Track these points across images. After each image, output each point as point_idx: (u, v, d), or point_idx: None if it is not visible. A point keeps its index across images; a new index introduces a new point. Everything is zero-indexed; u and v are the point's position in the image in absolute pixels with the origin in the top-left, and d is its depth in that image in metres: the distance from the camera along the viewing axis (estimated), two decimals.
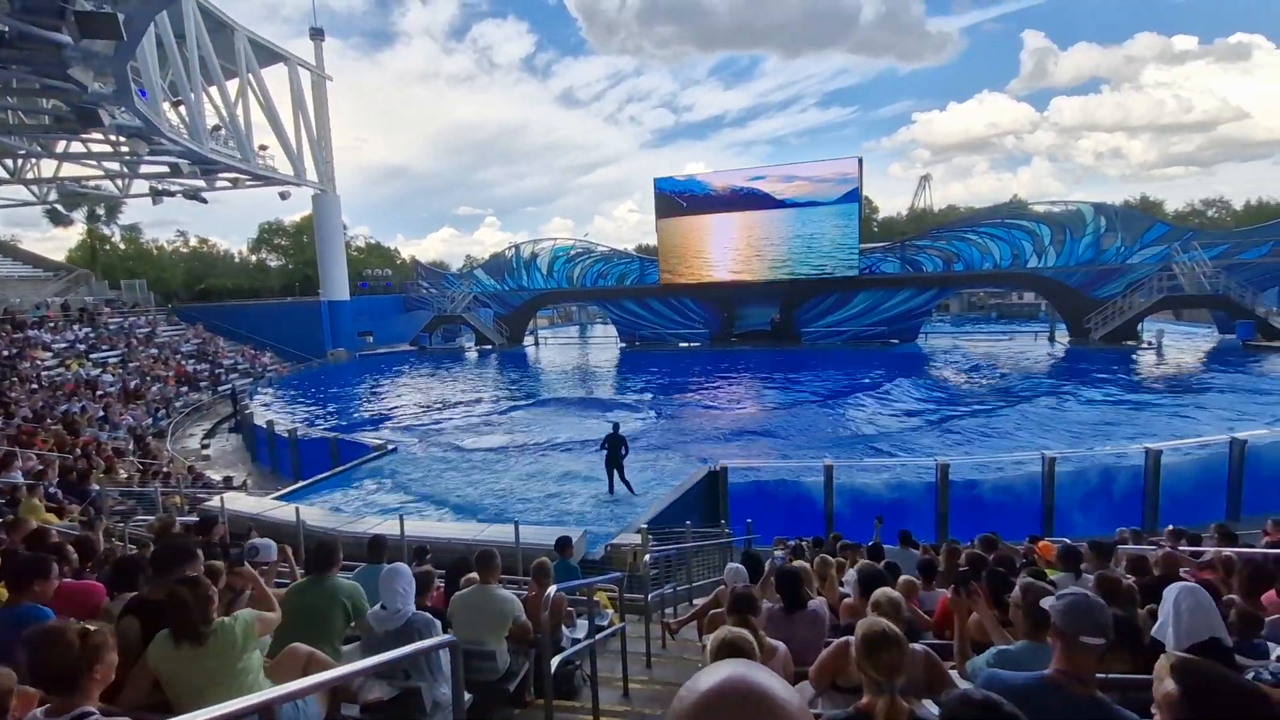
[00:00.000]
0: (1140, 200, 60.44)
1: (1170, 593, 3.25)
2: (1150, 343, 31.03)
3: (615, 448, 12.54)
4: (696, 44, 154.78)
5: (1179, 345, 31.36)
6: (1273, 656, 3.23)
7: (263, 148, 33.26)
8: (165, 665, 2.60)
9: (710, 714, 0.67)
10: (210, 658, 2.61)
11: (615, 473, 12.59)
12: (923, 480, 11.92)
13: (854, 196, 36.49)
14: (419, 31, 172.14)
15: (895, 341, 36.38)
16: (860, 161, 36.67)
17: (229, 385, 28.19)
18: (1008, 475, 12.60)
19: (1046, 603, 2.14)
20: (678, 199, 40.24)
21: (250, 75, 31.62)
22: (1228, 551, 5.85)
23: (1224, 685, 1.39)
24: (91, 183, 32.73)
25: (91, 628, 2.21)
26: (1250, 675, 2.70)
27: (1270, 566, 4.19)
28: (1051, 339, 35.60)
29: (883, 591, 2.85)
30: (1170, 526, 7.71)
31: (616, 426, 12.91)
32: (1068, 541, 6.71)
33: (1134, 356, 29.08)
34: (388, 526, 9.20)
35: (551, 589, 3.52)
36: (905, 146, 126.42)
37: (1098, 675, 2.01)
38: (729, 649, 2.07)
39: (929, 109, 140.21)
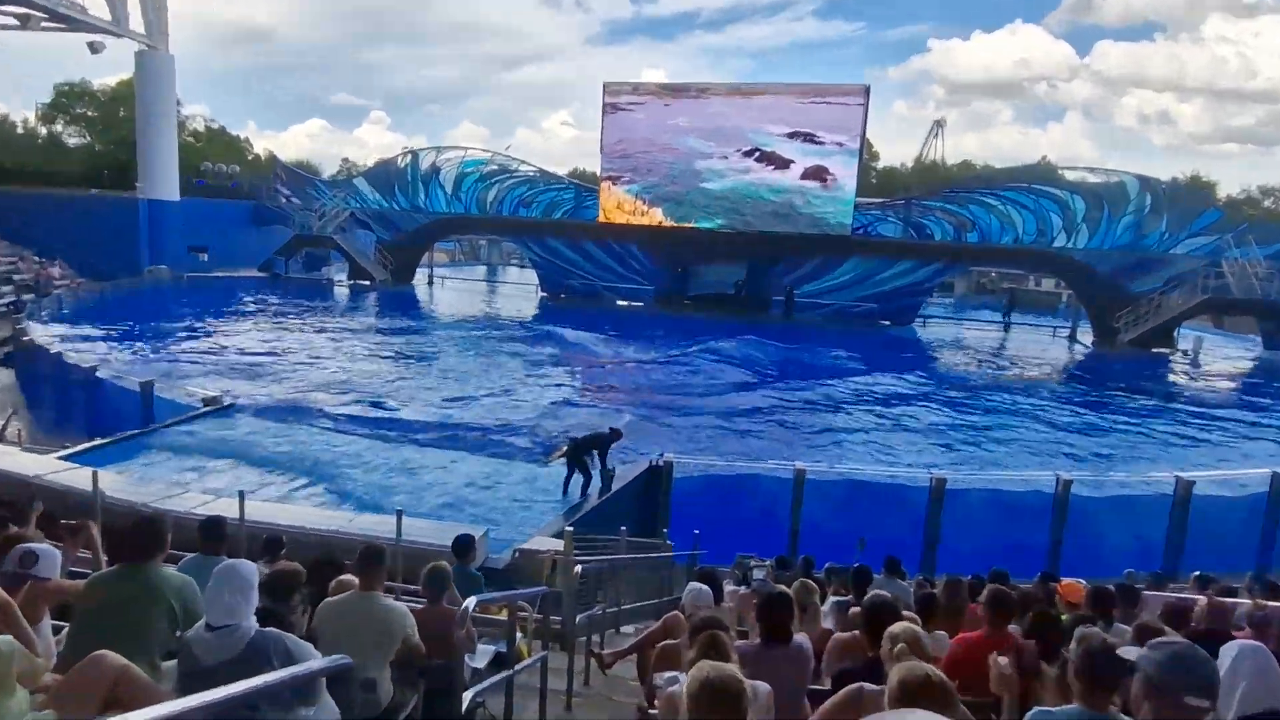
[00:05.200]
0: (1190, 178, 63.63)
1: (1228, 650, 3.44)
2: (1186, 352, 32.94)
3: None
4: None
5: (1218, 357, 33.47)
6: None
7: None
8: None
9: None
10: None
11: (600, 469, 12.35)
12: (910, 492, 12.41)
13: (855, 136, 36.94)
14: None
15: (887, 323, 37.42)
16: (867, 91, 37.05)
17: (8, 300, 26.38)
18: (1011, 496, 13.13)
19: (1132, 652, 2.15)
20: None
21: None
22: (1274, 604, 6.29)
23: None
24: None
25: None
26: None
27: None
28: (1073, 338, 37.42)
29: (904, 627, 2.84)
30: (1197, 573, 8.24)
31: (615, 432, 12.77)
32: (1083, 583, 7.08)
33: (1169, 365, 30.89)
34: (221, 506, 8.81)
35: (471, 600, 3.39)
36: (917, 80, 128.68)
37: None
38: (714, 693, 1.99)
39: (949, 35, 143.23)
